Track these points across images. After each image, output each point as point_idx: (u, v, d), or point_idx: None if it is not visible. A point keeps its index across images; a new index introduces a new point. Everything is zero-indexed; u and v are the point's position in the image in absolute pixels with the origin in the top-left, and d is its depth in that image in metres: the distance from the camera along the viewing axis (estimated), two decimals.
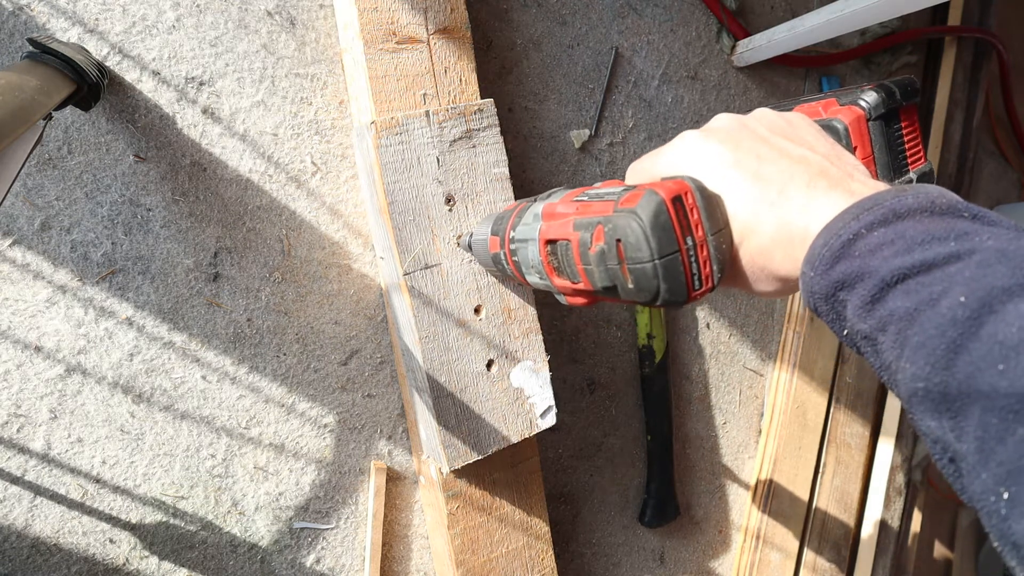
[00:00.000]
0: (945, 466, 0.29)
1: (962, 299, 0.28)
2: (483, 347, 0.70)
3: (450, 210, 0.69)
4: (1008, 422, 0.25)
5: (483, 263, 0.64)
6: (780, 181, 0.37)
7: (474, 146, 0.70)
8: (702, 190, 0.37)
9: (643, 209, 0.36)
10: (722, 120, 0.42)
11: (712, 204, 0.37)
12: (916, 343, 0.29)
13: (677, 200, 0.36)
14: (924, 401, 0.28)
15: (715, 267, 0.37)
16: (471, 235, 0.66)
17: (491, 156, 0.71)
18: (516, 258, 0.53)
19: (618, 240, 0.37)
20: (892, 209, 0.32)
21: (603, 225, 0.38)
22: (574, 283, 0.44)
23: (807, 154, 0.38)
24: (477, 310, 0.70)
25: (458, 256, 0.69)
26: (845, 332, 0.35)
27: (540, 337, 0.74)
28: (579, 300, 0.47)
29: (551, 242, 0.46)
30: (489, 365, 0.71)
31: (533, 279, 0.51)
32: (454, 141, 0.69)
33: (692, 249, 0.36)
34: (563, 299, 0.49)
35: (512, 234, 0.53)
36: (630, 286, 0.37)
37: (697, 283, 0.36)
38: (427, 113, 0.67)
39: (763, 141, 0.39)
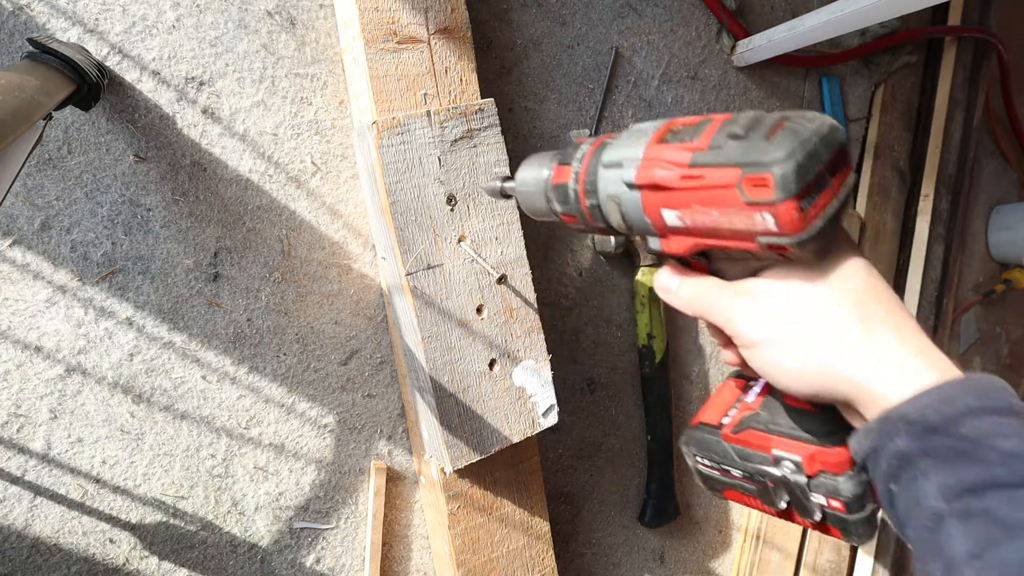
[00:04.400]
0: None
1: None
2: (485, 347, 0.70)
3: (452, 210, 0.69)
4: None
5: (531, 204, 0.53)
6: (902, 322, 0.36)
7: (475, 146, 0.70)
8: (852, 186, 0.36)
9: (831, 120, 0.35)
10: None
11: (848, 199, 0.36)
12: (1011, 561, 0.27)
13: (846, 148, 0.35)
14: None
15: (825, 217, 0.34)
16: (502, 178, 0.57)
17: (492, 156, 0.71)
18: (595, 186, 0.45)
19: (788, 118, 0.35)
20: (1008, 403, 0.32)
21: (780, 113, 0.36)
22: (692, 144, 0.37)
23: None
24: (479, 310, 0.70)
25: (460, 256, 0.69)
26: (892, 488, 0.33)
27: (542, 336, 0.74)
28: (678, 245, 0.40)
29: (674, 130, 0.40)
30: (491, 365, 0.71)
31: (609, 208, 0.44)
32: (455, 141, 0.69)
33: (823, 182, 0.34)
34: (650, 230, 0.42)
35: (602, 157, 0.44)
36: (766, 136, 0.34)
37: (808, 200, 0.33)
38: (428, 113, 0.67)
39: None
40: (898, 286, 1.37)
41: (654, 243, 0.42)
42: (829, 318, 0.36)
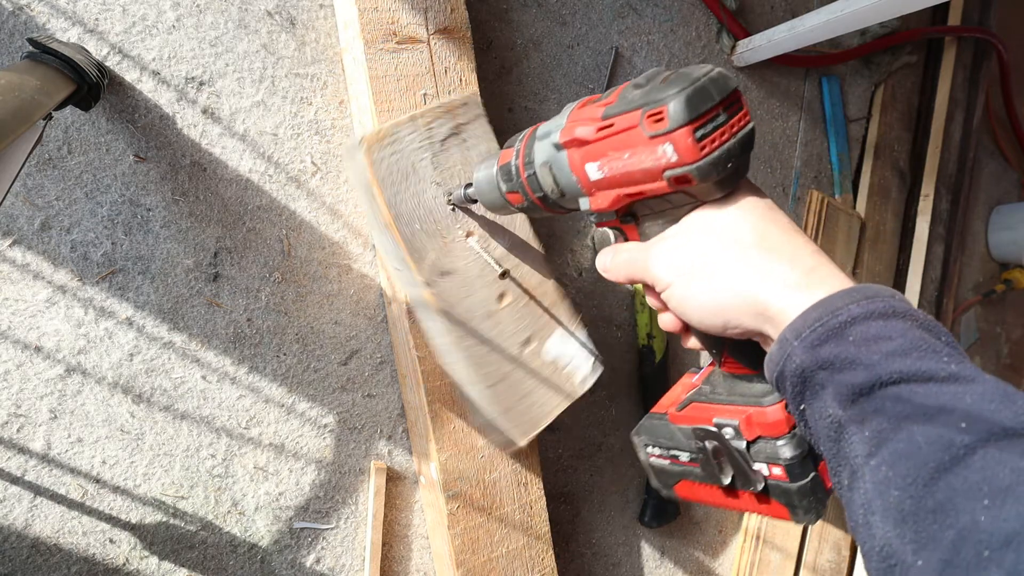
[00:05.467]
0: (882, 568, 0.29)
1: (963, 424, 0.28)
2: (515, 330, 0.71)
3: (453, 209, 0.69)
4: (981, 559, 0.25)
5: (488, 196, 0.59)
6: (799, 245, 0.38)
7: (464, 140, 0.70)
8: (752, 132, 0.39)
9: (720, 68, 0.38)
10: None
11: (750, 139, 0.38)
12: (900, 450, 0.29)
13: (739, 94, 0.38)
14: (890, 508, 0.29)
15: (722, 150, 0.37)
16: (464, 186, 0.64)
17: (483, 147, 0.71)
18: (532, 157, 0.51)
19: (683, 67, 0.39)
20: (891, 306, 0.33)
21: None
22: (604, 102, 0.42)
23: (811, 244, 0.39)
24: (500, 298, 0.71)
25: (471, 252, 0.69)
26: (802, 408, 0.34)
27: (567, 303, 0.75)
28: (606, 199, 0.44)
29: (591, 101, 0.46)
30: (525, 344, 0.72)
31: (543, 175, 0.49)
32: (444, 139, 0.69)
33: (721, 119, 0.37)
34: (578, 187, 0.46)
35: (537, 132, 0.51)
36: (661, 82, 0.38)
37: (702, 130, 0.36)
38: (411, 117, 0.67)
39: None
40: (898, 286, 1.37)
41: (584, 204, 0.47)
42: (730, 246, 0.38)
